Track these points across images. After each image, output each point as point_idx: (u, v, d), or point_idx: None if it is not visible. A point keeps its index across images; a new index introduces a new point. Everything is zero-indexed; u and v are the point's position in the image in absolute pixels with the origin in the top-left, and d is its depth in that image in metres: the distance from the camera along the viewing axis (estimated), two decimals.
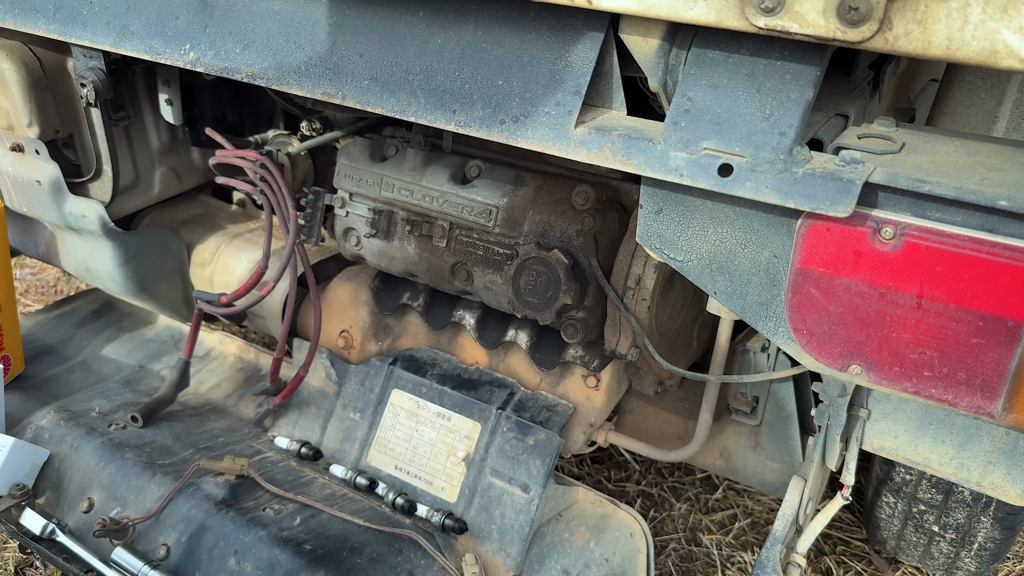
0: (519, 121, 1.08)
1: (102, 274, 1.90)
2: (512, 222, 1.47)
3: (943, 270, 0.89)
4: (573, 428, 1.59)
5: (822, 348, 1.01)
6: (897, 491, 1.92)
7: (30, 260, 3.38)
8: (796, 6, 0.85)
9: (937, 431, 1.29)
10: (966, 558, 1.94)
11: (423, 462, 1.59)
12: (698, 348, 1.70)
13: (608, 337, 1.46)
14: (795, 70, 0.95)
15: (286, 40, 1.25)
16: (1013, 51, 0.79)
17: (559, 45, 1.08)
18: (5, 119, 1.72)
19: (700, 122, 0.98)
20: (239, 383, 1.91)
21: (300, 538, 1.42)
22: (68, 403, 1.80)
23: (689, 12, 0.91)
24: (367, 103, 1.18)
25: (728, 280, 1.06)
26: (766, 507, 2.39)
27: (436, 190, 1.51)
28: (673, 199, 1.07)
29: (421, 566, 1.43)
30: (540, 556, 1.49)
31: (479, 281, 1.54)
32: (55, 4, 1.43)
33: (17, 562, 2.06)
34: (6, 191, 1.86)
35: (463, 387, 1.62)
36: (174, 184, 2.04)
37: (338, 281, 1.83)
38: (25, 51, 1.67)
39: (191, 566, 1.43)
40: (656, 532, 2.27)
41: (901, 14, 0.82)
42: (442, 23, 1.16)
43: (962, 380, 0.93)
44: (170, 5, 1.34)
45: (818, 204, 0.91)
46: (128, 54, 1.38)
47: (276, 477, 1.58)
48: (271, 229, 1.60)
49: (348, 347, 1.79)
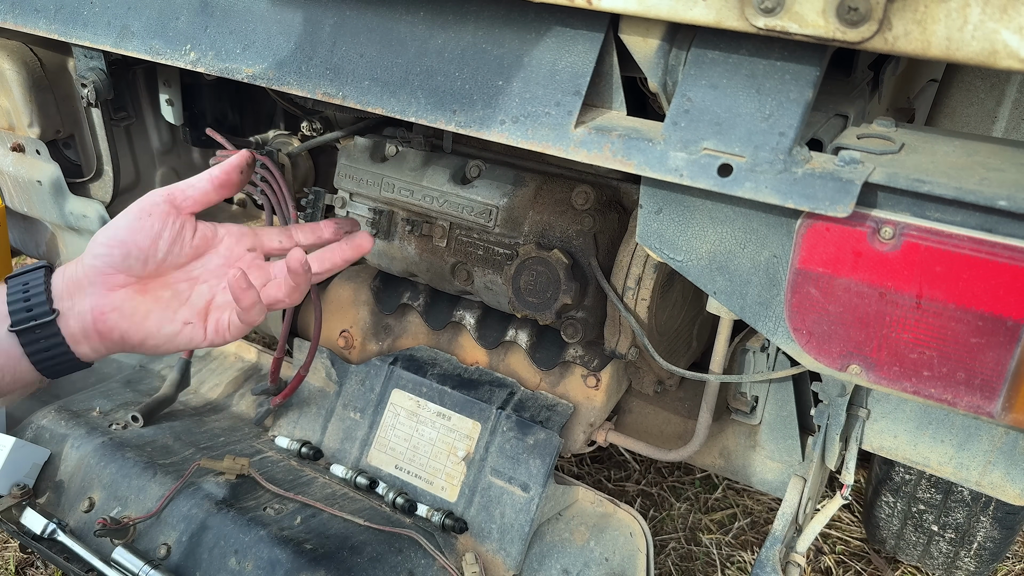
0: (519, 121, 1.08)
1: None
2: (512, 222, 1.47)
3: (942, 270, 0.89)
4: (573, 428, 1.59)
5: (821, 348, 1.01)
6: (896, 491, 1.93)
7: (31, 260, 3.38)
8: (795, 6, 0.85)
9: (936, 431, 1.29)
10: (965, 557, 1.94)
11: (423, 462, 1.59)
12: (698, 348, 1.70)
13: (608, 337, 1.46)
14: (795, 70, 0.95)
15: (286, 40, 1.26)
16: (1013, 51, 0.79)
17: (559, 45, 1.08)
18: (6, 119, 1.73)
19: (700, 122, 0.98)
20: (239, 383, 1.91)
21: (300, 537, 1.42)
22: (69, 403, 1.80)
23: (689, 12, 0.92)
24: (367, 103, 1.19)
25: (727, 280, 1.06)
26: (766, 506, 2.39)
27: (436, 190, 1.52)
28: (673, 199, 1.07)
29: (421, 565, 1.43)
30: (540, 555, 1.49)
31: (479, 281, 1.54)
32: (56, 4, 1.44)
33: (18, 561, 2.06)
34: (7, 191, 1.87)
35: (463, 387, 1.62)
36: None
37: (338, 281, 1.83)
38: (26, 51, 1.67)
39: (192, 565, 1.43)
40: (656, 531, 2.27)
41: (901, 14, 0.82)
42: (442, 23, 1.16)
43: (961, 380, 0.93)
44: (171, 5, 1.34)
45: (817, 204, 0.91)
46: (129, 54, 1.38)
47: (276, 477, 1.58)
48: None
49: (348, 347, 1.79)
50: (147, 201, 0.93)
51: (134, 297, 0.92)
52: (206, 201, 0.96)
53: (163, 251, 0.93)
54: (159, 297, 0.94)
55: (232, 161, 0.97)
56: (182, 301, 0.95)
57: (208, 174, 0.96)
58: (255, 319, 0.93)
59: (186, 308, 0.95)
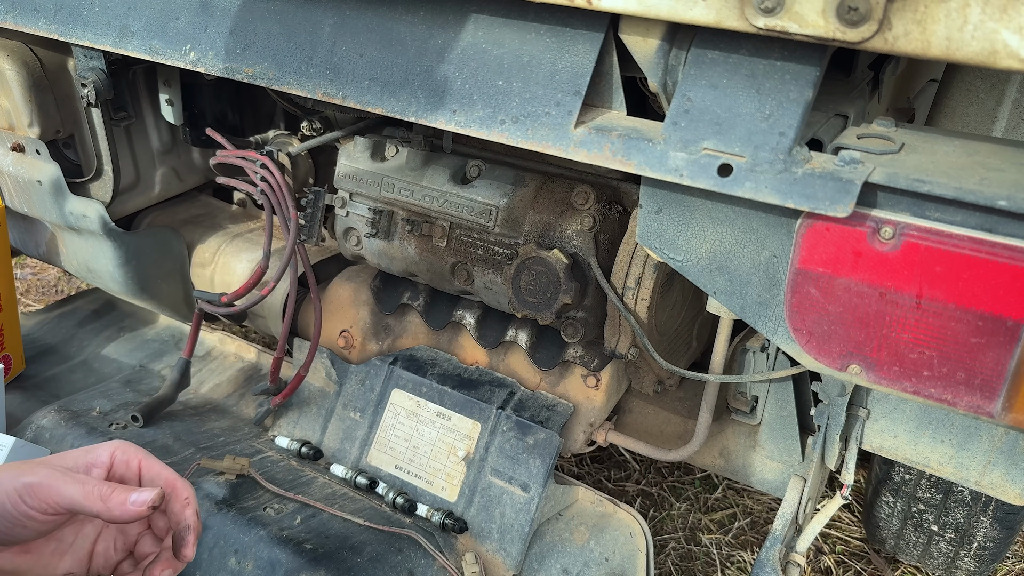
0: (519, 121, 1.08)
1: (103, 274, 1.91)
2: (512, 222, 1.47)
3: (942, 270, 0.89)
4: (573, 427, 1.59)
5: (821, 348, 1.01)
6: (896, 490, 1.93)
7: (31, 260, 3.38)
8: (795, 6, 0.85)
9: (936, 430, 1.29)
10: (965, 557, 1.94)
11: (423, 461, 1.59)
12: (698, 348, 1.70)
13: (608, 337, 1.46)
14: (795, 70, 0.95)
15: (286, 40, 1.26)
16: (1012, 51, 0.79)
17: (559, 45, 1.08)
18: (6, 119, 1.73)
19: (700, 122, 0.98)
20: (239, 383, 1.91)
21: (300, 537, 1.42)
22: (69, 403, 1.80)
23: (689, 12, 0.92)
24: (367, 103, 1.19)
25: (727, 280, 1.06)
26: (765, 506, 2.39)
27: (436, 190, 1.52)
28: (673, 199, 1.07)
29: (421, 565, 1.43)
30: (540, 555, 1.49)
31: (479, 281, 1.54)
32: (55, 4, 1.44)
33: None
34: (7, 191, 1.87)
35: (463, 387, 1.62)
36: (175, 184, 2.05)
37: (338, 281, 1.83)
38: (26, 51, 1.67)
39: (191, 565, 1.43)
40: (656, 531, 2.27)
41: (901, 14, 0.82)
42: (442, 23, 1.16)
43: (961, 380, 0.93)
44: (171, 5, 1.34)
45: (817, 204, 0.91)
46: (129, 54, 1.38)
47: (276, 476, 1.58)
48: (271, 229, 1.60)
49: (348, 347, 1.79)
50: (24, 508, 0.86)
51: (13, 559, 0.90)
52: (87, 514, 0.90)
53: (43, 537, 0.91)
54: (42, 552, 0.92)
55: (124, 514, 0.88)
56: (65, 549, 0.93)
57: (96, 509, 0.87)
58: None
59: (68, 557, 0.93)
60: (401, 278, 1.74)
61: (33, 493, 0.87)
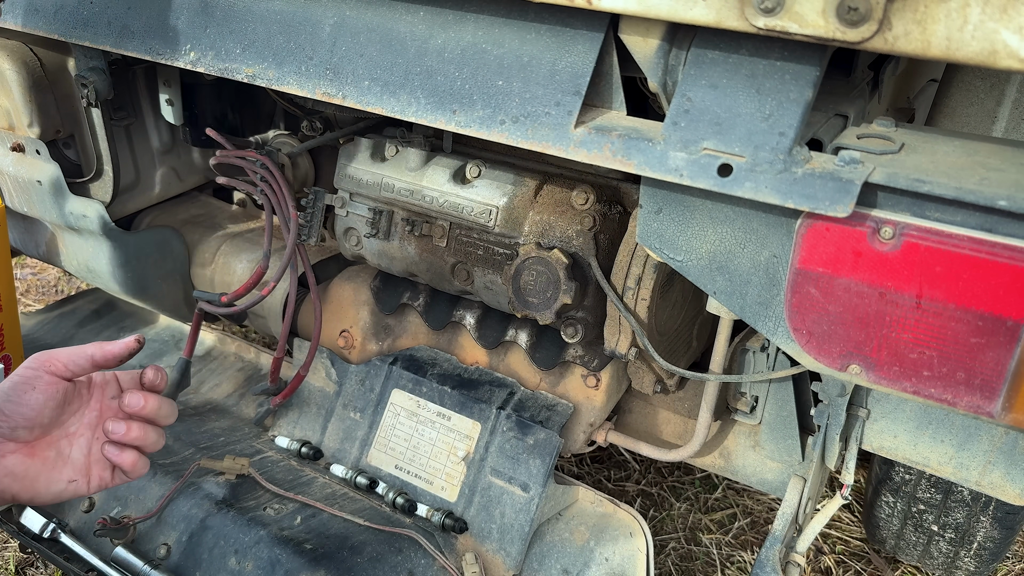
0: (519, 121, 1.08)
1: (103, 274, 1.91)
2: (512, 222, 1.47)
3: (942, 270, 0.89)
4: (573, 428, 1.59)
5: (821, 348, 1.01)
6: (896, 490, 1.93)
7: (31, 260, 3.38)
8: (795, 6, 0.85)
9: (936, 431, 1.29)
10: (965, 557, 1.94)
11: (423, 461, 1.59)
12: (698, 348, 1.70)
13: (608, 337, 1.46)
14: (795, 70, 0.95)
15: (286, 40, 1.26)
16: (1012, 51, 0.79)
17: (559, 45, 1.08)
18: (6, 119, 1.73)
19: (700, 122, 0.98)
20: (239, 383, 1.91)
21: (300, 537, 1.42)
22: None
23: (689, 12, 0.92)
24: (367, 103, 1.19)
25: (727, 280, 1.06)
26: (765, 506, 2.39)
27: (436, 190, 1.52)
28: (673, 199, 1.07)
29: (421, 565, 1.43)
30: (540, 555, 1.49)
31: (479, 281, 1.54)
32: (55, 4, 1.44)
33: (18, 561, 2.06)
34: (7, 191, 1.87)
35: (463, 387, 1.62)
36: (175, 184, 2.05)
37: (338, 281, 1.83)
38: (25, 51, 1.67)
39: (192, 565, 1.43)
40: (656, 531, 2.27)
41: (901, 14, 0.82)
42: (442, 23, 1.16)
43: (961, 380, 0.93)
44: (171, 6, 1.34)
45: (817, 204, 0.91)
46: (129, 54, 1.38)
47: (276, 476, 1.58)
48: (271, 229, 1.60)
49: (348, 347, 1.79)
50: (29, 372, 1.01)
51: (24, 461, 1.01)
52: (83, 373, 1.05)
53: (47, 418, 1.02)
54: (46, 458, 1.03)
55: (114, 350, 1.06)
56: (65, 460, 1.05)
57: (90, 352, 1.05)
58: (141, 471, 1.07)
59: (69, 467, 1.05)
60: (401, 278, 1.74)
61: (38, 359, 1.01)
